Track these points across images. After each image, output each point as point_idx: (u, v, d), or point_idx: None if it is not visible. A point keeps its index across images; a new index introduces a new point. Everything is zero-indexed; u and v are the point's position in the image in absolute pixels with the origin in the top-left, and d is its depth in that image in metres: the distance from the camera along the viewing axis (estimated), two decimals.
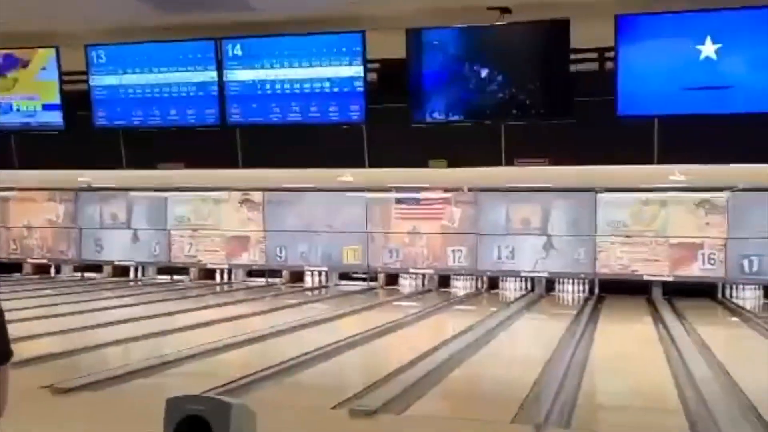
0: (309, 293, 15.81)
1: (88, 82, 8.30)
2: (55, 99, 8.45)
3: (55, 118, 8.50)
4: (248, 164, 8.73)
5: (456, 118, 7.37)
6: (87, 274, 17.99)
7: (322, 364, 7.96)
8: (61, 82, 8.39)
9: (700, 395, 6.38)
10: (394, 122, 7.69)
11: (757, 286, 14.57)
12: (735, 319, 12.61)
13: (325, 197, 16.11)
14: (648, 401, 6.67)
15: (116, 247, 17.86)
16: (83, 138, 8.67)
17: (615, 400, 6.86)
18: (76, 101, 8.49)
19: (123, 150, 8.83)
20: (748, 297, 14.49)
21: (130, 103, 8.21)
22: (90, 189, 17.36)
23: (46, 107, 8.52)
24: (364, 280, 16.52)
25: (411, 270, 16.27)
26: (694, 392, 6.58)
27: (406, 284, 16.35)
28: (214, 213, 17.23)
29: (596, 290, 15.08)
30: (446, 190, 15.70)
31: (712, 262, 14.59)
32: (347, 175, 12.24)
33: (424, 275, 16.25)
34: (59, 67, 8.31)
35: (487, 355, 8.84)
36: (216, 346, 8.59)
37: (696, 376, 7.12)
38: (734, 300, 14.35)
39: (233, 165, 8.75)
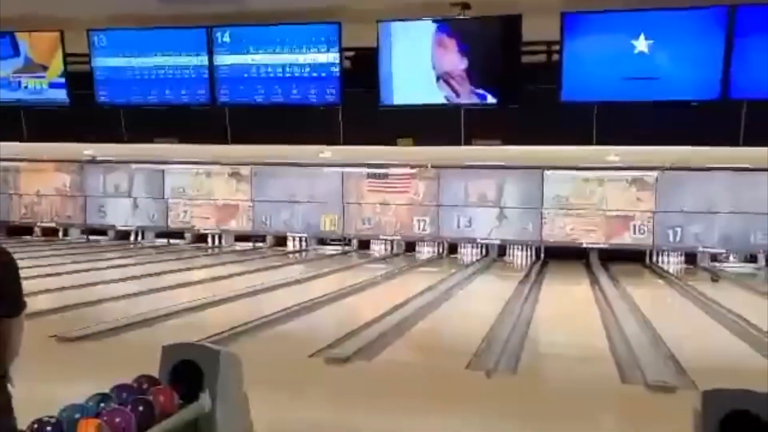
0: (290, 256, 15.78)
1: (90, 64, 8.11)
2: (61, 78, 8.25)
3: (61, 95, 8.30)
4: (236, 140, 8.65)
5: (420, 102, 7.35)
6: (92, 237, 17.77)
7: (301, 318, 7.96)
8: (66, 62, 8.18)
9: (629, 346, 6.50)
10: (366, 105, 7.65)
11: (679, 253, 14.88)
12: (660, 281, 12.83)
13: (306, 171, 16.03)
14: (584, 351, 6.76)
15: (119, 214, 17.64)
16: (87, 114, 8.49)
17: (555, 350, 6.94)
18: (80, 80, 8.30)
19: (124, 126, 8.67)
20: (672, 262, 14.78)
21: (129, 83, 8.05)
22: (94, 161, 17.07)
23: (53, 85, 8.32)
24: (339, 244, 16.54)
25: (381, 236, 16.30)
26: (623, 343, 6.70)
27: (376, 249, 16.38)
28: (207, 184, 17.08)
29: (542, 256, 15.23)
30: (412, 167, 15.70)
31: (642, 232, 14.83)
32: (326, 152, 12.17)
33: (392, 241, 16.30)
34: (64, 48, 8.09)
35: (446, 311, 8.90)
36: (206, 301, 8.54)
37: (625, 330, 7.25)
38: (660, 265, 14.62)
39: (223, 141, 8.67)
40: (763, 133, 7.03)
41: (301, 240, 16.80)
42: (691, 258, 14.71)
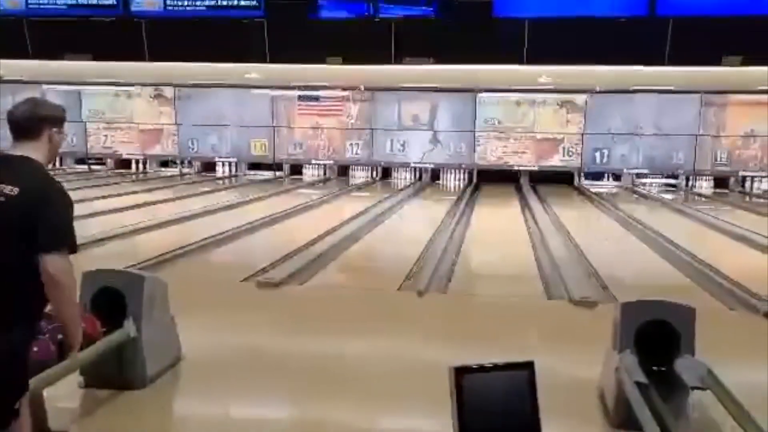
0: (220, 182, 15.46)
1: None
2: None
3: None
4: (155, 57, 8.22)
5: (348, 15, 7.12)
6: None
7: (233, 244, 7.89)
8: None
9: (555, 265, 6.74)
10: (292, 17, 7.36)
11: (606, 174, 15.42)
12: (587, 202, 13.29)
13: (234, 93, 15.53)
14: (512, 270, 6.96)
15: None
16: None
17: (486, 270, 7.15)
18: None
19: (28, 39, 8.06)
20: (598, 184, 15.30)
21: None
22: (2, 81, 15.94)
23: None
24: (270, 169, 16.30)
25: (313, 161, 16.16)
26: (550, 263, 6.94)
27: (308, 174, 16.26)
28: (128, 107, 16.33)
29: (474, 179, 15.49)
30: (344, 89, 15.43)
31: (571, 154, 15.22)
32: (253, 72, 11.77)
33: (325, 165, 16.19)
34: None
35: (380, 234, 8.99)
36: (134, 228, 8.31)
37: (552, 250, 7.49)
38: (587, 186, 15.10)
39: (140, 58, 8.23)
40: (687, 51, 7.21)
41: (230, 165, 16.47)
42: (616, 179, 15.29)
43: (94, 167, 16.62)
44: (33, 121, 2.40)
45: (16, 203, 2.18)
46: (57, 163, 16.87)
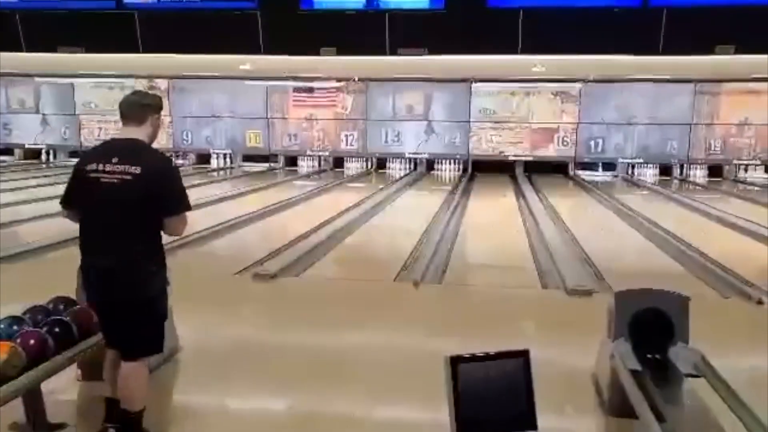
0: (215, 174, 15.41)
1: None
2: None
3: None
4: (148, 49, 8.18)
5: (341, 6, 7.10)
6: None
7: (227, 236, 7.88)
8: None
9: (551, 254, 6.76)
10: (286, 11, 7.33)
11: (600, 164, 15.44)
12: (582, 191, 13.30)
13: (228, 85, 15.45)
14: (508, 260, 6.98)
15: (26, 131, 16.64)
16: None
17: (481, 259, 7.16)
18: None
19: (21, 32, 8.00)
20: (593, 173, 15.31)
21: None
22: None
23: None
24: (265, 161, 16.27)
25: (308, 152, 16.13)
26: (544, 249, 6.97)
27: (303, 165, 16.24)
28: (120, 99, 16.21)
29: (469, 169, 15.49)
30: (339, 80, 15.38)
31: (566, 143, 15.22)
32: (247, 64, 11.72)
33: (320, 157, 16.17)
34: None
35: (375, 226, 8.99)
36: None
37: (546, 237, 7.53)
38: (582, 175, 15.11)
39: (133, 50, 8.18)
40: (681, 41, 7.21)
41: (225, 157, 16.44)
42: (611, 168, 15.31)
43: None
44: (140, 108, 2.94)
45: (140, 179, 2.72)
46: (51, 157, 16.82)
